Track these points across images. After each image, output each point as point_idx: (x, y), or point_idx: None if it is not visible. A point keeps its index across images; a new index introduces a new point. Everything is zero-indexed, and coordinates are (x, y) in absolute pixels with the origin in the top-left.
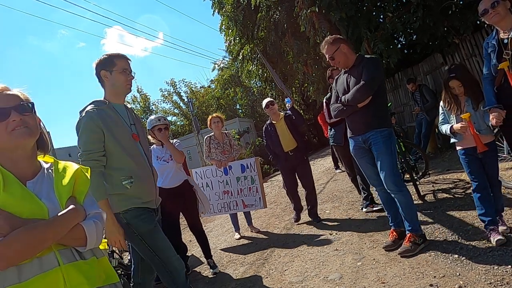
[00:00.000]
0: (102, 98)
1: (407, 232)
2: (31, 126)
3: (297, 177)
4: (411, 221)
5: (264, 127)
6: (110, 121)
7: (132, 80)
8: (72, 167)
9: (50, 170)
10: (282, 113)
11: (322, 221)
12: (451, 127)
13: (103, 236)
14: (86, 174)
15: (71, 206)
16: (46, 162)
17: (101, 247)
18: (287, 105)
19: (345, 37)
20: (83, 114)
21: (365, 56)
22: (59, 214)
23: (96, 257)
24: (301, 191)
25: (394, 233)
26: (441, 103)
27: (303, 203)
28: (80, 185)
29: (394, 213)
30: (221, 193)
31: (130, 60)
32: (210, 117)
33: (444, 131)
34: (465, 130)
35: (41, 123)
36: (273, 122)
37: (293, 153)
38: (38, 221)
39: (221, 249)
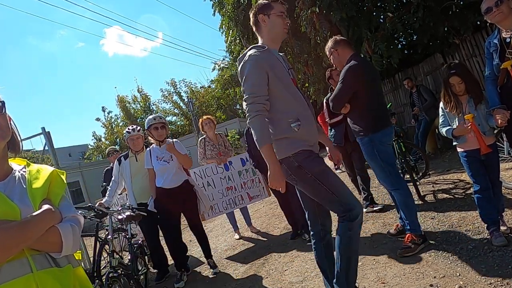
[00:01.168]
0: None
1: (406, 232)
2: (2, 127)
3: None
4: (409, 219)
5: (245, 129)
6: (274, 63)
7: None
8: (46, 169)
9: (22, 172)
10: None
11: None
12: (453, 130)
13: (80, 242)
14: (62, 176)
15: (47, 206)
16: (19, 165)
17: (76, 257)
18: None
19: (345, 37)
20: (247, 58)
21: (351, 60)
22: (33, 214)
23: (72, 266)
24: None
25: (400, 225)
26: (441, 104)
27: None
28: (56, 187)
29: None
30: (224, 190)
31: (285, 4)
32: (200, 120)
33: (445, 134)
34: (470, 131)
35: (11, 122)
36: None
37: None
38: (10, 222)
39: (221, 249)
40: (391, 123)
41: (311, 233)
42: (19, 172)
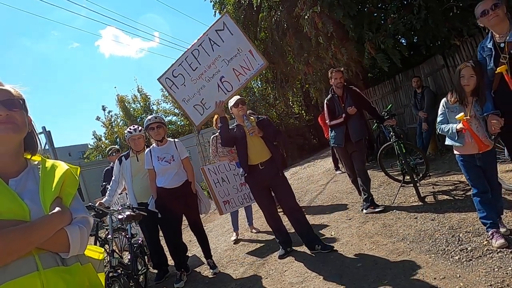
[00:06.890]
0: None
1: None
2: (18, 122)
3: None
4: None
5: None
6: None
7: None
8: (61, 166)
9: (36, 169)
10: (252, 117)
11: (322, 224)
12: (457, 126)
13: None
14: (75, 175)
15: (57, 209)
16: (33, 161)
17: (94, 255)
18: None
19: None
20: None
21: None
22: (42, 217)
23: (80, 263)
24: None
25: None
26: (443, 100)
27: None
28: (68, 186)
29: None
30: (238, 185)
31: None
32: (215, 116)
33: (446, 130)
34: (466, 128)
35: (32, 123)
36: (241, 124)
37: (265, 167)
38: (19, 223)
39: (221, 249)
40: None
41: None
42: (33, 169)
